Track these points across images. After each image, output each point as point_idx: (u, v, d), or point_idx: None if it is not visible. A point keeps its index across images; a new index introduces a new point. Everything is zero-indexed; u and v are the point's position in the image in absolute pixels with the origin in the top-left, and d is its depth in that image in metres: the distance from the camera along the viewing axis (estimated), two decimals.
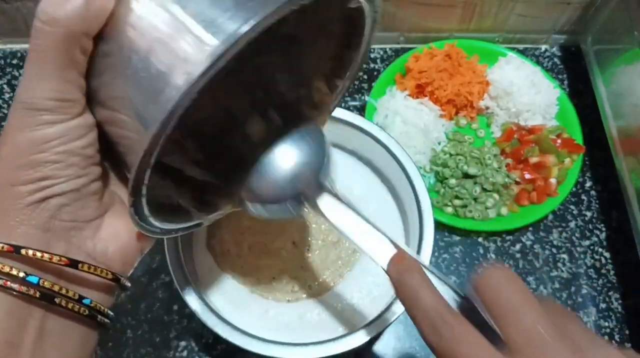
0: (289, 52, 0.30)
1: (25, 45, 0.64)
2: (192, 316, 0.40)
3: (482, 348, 0.23)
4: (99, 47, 0.24)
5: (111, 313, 0.28)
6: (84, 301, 0.26)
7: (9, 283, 0.23)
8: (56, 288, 0.24)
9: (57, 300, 0.25)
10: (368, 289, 0.45)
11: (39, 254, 0.24)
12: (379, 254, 0.29)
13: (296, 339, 0.39)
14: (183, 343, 0.49)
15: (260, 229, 0.46)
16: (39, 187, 0.24)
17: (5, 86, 0.62)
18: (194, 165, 0.30)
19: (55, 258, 0.24)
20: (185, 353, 0.48)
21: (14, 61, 0.63)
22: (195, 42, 0.22)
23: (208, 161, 0.30)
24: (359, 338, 0.38)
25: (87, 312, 0.26)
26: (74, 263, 0.25)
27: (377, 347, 0.49)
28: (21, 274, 0.24)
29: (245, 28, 0.21)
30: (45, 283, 0.24)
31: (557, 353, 0.23)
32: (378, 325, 0.38)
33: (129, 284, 0.29)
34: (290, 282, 0.45)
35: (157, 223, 0.27)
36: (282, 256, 0.46)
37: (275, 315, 0.44)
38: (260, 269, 0.45)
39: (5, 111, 0.61)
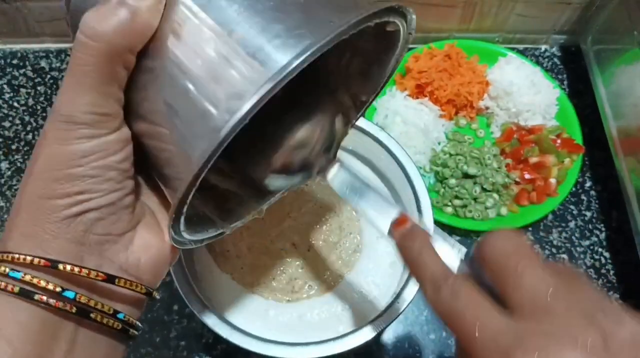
0: (316, 65, 0.30)
1: (25, 46, 0.64)
2: (192, 316, 0.40)
3: (481, 307, 0.23)
4: (142, 62, 0.23)
5: (140, 326, 0.27)
6: (118, 315, 0.25)
7: (45, 298, 0.23)
8: (92, 303, 0.24)
9: (92, 315, 0.24)
10: (368, 289, 0.45)
11: (76, 269, 0.23)
12: (382, 221, 0.29)
13: (296, 339, 0.39)
14: (183, 343, 0.49)
15: (259, 230, 0.46)
16: (76, 201, 0.23)
17: (5, 86, 0.62)
18: (217, 173, 0.30)
19: (92, 274, 0.24)
20: (185, 353, 0.48)
21: (14, 61, 0.63)
22: (244, 71, 0.21)
23: (231, 168, 0.30)
24: (359, 338, 0.38)
25: (120, 326, 0.25)
26: (110, 279, 0.25)
27: (377, 347, 0.49)
28: (58, 289, 0.23)
29: (296, 62, 0.20)
30: (81, 298, 0.24)
31: (561, 315, 0.21)
32: (378, 325, 0.38)
33: (158, 296, 0.28)
34: (291, 282, 0.45)
35: (187, 236, 0.27)
36: (282, 256, 0.46)
37: (275, 315, 0.44)
38: (260, 269, 0.45)
39: (5, 111, 0.60)
